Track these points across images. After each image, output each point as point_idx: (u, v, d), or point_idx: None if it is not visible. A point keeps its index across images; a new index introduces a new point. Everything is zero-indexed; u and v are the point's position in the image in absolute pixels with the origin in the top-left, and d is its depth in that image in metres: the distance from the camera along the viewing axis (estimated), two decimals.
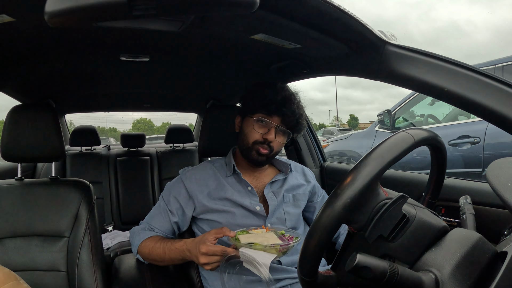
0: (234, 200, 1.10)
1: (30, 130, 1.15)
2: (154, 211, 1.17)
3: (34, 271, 1.10)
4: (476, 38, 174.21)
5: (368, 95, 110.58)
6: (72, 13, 0.40)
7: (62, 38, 1.07)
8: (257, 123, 1.10)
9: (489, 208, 0.92)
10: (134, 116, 54.18)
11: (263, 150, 1.09)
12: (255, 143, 1.10)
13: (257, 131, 1.10)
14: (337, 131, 16.12)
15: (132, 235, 1.16)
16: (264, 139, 1.09)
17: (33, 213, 1.14)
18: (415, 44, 0.86)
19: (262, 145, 1.09)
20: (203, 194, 1.11)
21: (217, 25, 0.87)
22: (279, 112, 1.08)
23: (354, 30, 0.79)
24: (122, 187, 2.55)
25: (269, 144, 1.09)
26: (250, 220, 1.10)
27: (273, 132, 1.09)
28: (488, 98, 0.64)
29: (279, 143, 1.12)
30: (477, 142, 2.91)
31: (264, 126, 1.10)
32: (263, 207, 1.12)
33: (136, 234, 1.13)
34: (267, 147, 1.09)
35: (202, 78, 1.75)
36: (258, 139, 1.09)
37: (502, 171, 0.56)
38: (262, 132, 1.09)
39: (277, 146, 1.12)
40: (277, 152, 1.15)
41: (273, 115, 1.09)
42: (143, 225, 1.16)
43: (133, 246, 1.15)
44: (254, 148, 1.10)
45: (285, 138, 1.13)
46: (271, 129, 1.09)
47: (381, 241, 0.60)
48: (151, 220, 1.15)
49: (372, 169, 0.57)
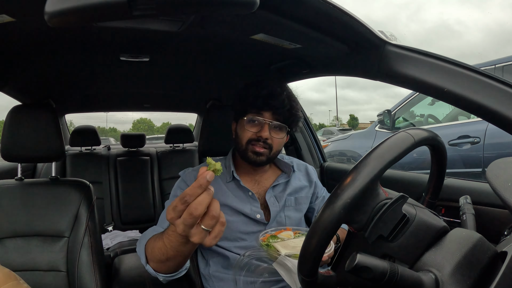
0: (234, 207, 1.08)
1: (30, 130, 1.15)
2: (163, 214, 1.07)
3: (34, 271, 1.10)
4: (468, 39, 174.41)
5: (365, 95, 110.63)
6: (72, 13, 0.40)
7: (62, 38, 1.07)
8: (249, 123, 1.07)
9: (489, 208, 0.92)
10: (134, 116, 54.19)
11: (259, 148, 1.06)
12: (249, 142, 1.07)
13: (249, 130, 1.07)
14: (337, 131, 16.11)
15: (138, 242, 0.96)
16: (258, 136, 1.05)
17: (33, 213, 1.14)
18: (407, 45, 0.86)
19: (257, 143, 1.06)
20: None
21: (217, 25, 0.87)
22: (267, 106, 1.05)
23: (354, 30, 0.79)
24: (122, 187, 2.55)
25: (266, 142, 1.06)
26: (251, 227, 1.09)
27: (266, 129, 1.05)
28: (488, 98, 0.64)
29: (277, 139, 1.08)
30: (477, 142, 2.91)
31: (256, 125, 1.06)
32: (263, 214, 1.10)
33: (141, 239, 0.95)
34: (263, 145, 1.06)
35: (202, 78, 1.75)
36: (251, 137, 1.06)
37: (502, 171, 0.56)
38: (255, 131, 1.06)
39: (276, 143, 1.08)
40: (278, 151, 1.12)
41: (263, 111, 1.06)
42: (155, 228, 0.99)
43: (140, 254, 0.93)
44: (248, 148, 1.07)
45: (283, 133, 1.09)
46: (264, 126, 1.05)
47: (381, 241, 0.60)
48: (161, 223, 1.03)
49: (372, 169, 0.57)
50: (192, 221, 0.58)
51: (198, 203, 0.57)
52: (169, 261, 0.82)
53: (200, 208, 0.57)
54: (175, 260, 0.82)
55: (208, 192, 0.58)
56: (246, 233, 1.08)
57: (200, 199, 0.57)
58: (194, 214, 0.57)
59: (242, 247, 1.06)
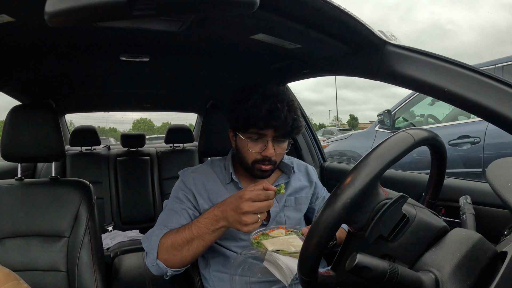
0: None
1: (30, 130, 1.15)
2: (165, 214, 1.06)
3: (34, 271, 1.10)
4: (462, 40, 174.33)
5: (362, 95, 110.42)
6: (72, 13, 0.40)
7: (62, 38, 1.07)
8: (252, 142, 1.04)
9: (489, 208, 0.92)
10: (134, 116, 54.14)
11: (265, 167, 1.04)
12: (255, 163, 1.05)
13: (253, 150, 1.04)
14: (337, 131, 16.11)
15: (146, 239, 1.02)
16: (264, 156, 1.03)
17: (33, 213, 1.14)
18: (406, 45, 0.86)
19: (263, 163, 1.04)
20: (203, 198, 1.10)
21: (217, 25, 0.87)
22: (270, 125, 1.00)
23: (354, 30, 0.79)
24: (122, 187, 2.56)
25: (271, 160, 1.04)
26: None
27: (270, 147, 1.02)
28: (488, 98, 0.64)
29: (280, 153, 1.07)
30: (477, 142, 2.91)
31: (259, 142, 1.04)
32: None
33: (150, 236, 1.00)
34: (268, 163, 1.04)
35: (202, 78, 1.76)
36: (256, 157, 1.04)
37: (502, 171, 0.56)
38: (259, 150, 1.03)
39: (279, 157, 1.07)
40: (280, 161, 1.12)
41: (266, 129, 1.02)
42: (157, 227, 1.03)
43: (151, 250, 0.98)
44: (255, 167, 1.05)
45: (285, 144, 1.07)
46: (268, 144, 1.02)
47: (381, 241, 0.60)
48: (167, 220, 1.03)
49: (372, 169, 0.57)
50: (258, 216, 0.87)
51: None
52: (190, 250, 0.94)
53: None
54: (196, 250, 0.94)
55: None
56: (245, 233, 1.08)
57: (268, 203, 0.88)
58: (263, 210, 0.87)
59: (242, 247, 1.06)
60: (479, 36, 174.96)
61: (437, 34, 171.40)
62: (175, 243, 0.94)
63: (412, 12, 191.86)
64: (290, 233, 0.99)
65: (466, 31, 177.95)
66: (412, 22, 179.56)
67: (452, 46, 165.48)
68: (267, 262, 0.90)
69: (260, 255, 0.93)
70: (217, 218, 0.92)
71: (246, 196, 0.86)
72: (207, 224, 0.93)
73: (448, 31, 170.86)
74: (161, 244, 0.96)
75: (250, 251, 0.94)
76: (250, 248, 0.95)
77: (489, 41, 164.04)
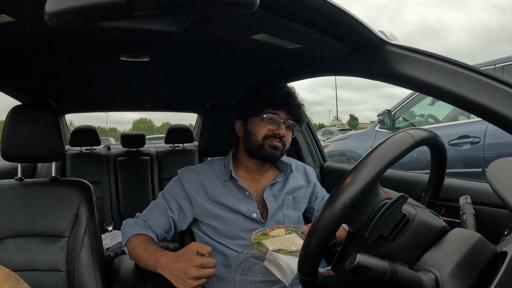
0: (231, 206, 1.10)
1: (30, 130, 1.15)
2: (152, 206, 1.15)
3: (34, 271, 1.10)
4: (454, 40, 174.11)
5: (358, 95, 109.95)
6: (72, 13, 0.40)
7: (62, 38, 1.07)
8: (266, 121, 1.10)
9: (489, 208, 0.92)
10: (134, 116, 54.13)
11: (277, 142, 1.10)
12: (266, 138, 1.10)
13: (266, 127, 1.10)
14: (337, 131, 16.11)
15: (124, 226, 1.13)
16: (276, 134, 1.10)
17: (33, 213, 1.14)
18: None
19: (274, 138, 1.10)
20: (201, 196, 1.11)
21: (217, 25, 0.87)
22: (285, 105, 1.11)
23: (354, 30, 0.79)
24: (122, 187, 2.55)
25: (281, 138, 1.11)
26: (249, 225, 1.09)
27: (283, 127, 1.10)
28: (488, 98, 0.64)
29: (289, 137, 1.14)
30: (477, 142, 2.91)
31: (273, 122, 1.10)
32: (259, 214, 1.11)
33: (128, 227, 1.11)
34: (279, 141, 1.10)
35: (202, 78, 1.76)
36: (267, 133, 1.10)
37: (502, 171, 0.56)
38: (272, 128, 1.10)
39: (288, 141, 1.14)
40: (287, 149, 1.16)
41: (280, 110, 1.11)
42: (139, 218, 1.13)
43: (123, 237, 1.12)
44: (265, 143, 1.10)
45: (291, 135, 1.15)
46: (280, 125, 1.10)
47: (381, 241, 0.60)
48: (148, 214, 1.13)
49: (372, 169, 0.57)
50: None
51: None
52: (141, 263, 1.04)
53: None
54: (146, 267, 1.03)
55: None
56: (244, 231, 1.08)
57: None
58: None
59: (241, 245, 1.06)
60: (471, 37, 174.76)
61: (428, 35, 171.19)
62: (135, 250, 1.04)
63: (400, 13, 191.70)
64: (290, 232, 0.99)
65: (457, 31, 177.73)
66: (402, 23, 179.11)
67: (444, 46, 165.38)
68: (267, 261, 0.91)
69: (260, 254, 0.93)
70: (160, 266, 0.96)
71: (198, 262, 0.90)
72: (152, 262, 0.99)
73: (438, 30, 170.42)
74: (130, 240, 1.07)
75: (250, 250, 0.95)
76: (250, 247, 0.95)
77: (481, 42, 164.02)
